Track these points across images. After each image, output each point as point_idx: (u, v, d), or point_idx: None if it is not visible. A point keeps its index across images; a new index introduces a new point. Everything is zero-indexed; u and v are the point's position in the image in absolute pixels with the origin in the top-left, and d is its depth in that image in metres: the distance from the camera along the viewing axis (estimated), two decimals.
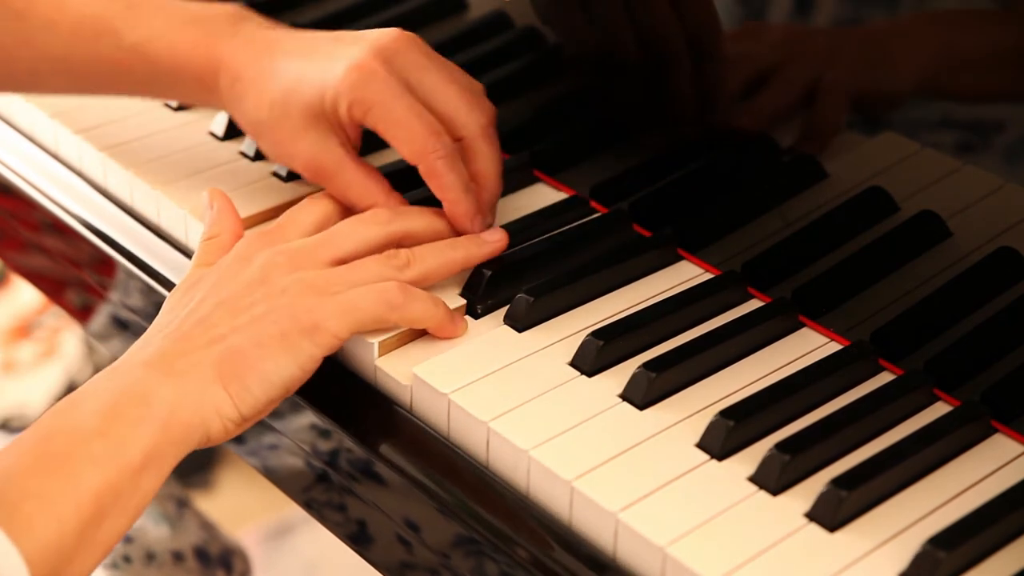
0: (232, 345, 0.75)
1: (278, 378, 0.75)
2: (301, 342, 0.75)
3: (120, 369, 0.75)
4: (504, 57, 1.05)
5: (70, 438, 0.70)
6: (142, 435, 0.71)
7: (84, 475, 0.69)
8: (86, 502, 0.69)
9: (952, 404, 0.78)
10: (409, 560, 0.79)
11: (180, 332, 0.76)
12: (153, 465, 0.72)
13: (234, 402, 0.74)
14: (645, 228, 0.91)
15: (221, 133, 1.00)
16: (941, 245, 0.85)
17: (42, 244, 1.03)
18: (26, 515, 0.67)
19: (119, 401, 0.72)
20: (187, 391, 0.73)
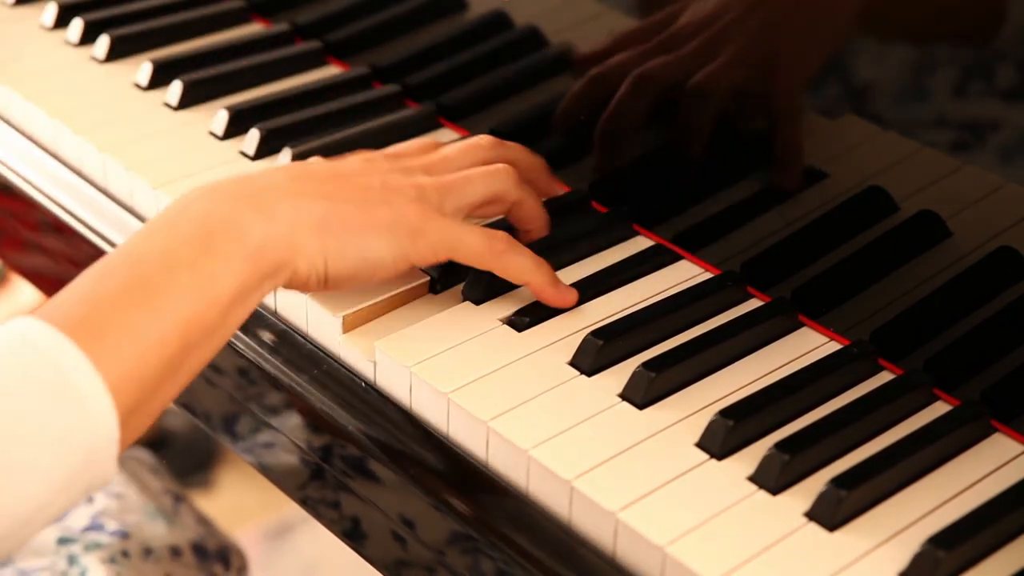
0: (341, 207, 0.76)
1: (372, 255, 0.77)
2: (403, 237, 0.77)
3: (217, 194, 0.74)
4: (504, 57, 1.05)
5: (160, 266, 0.70)
6: (233, 270, 0.71)
7: (172, 307, 0.69)
8: (172, 334, 0.69)
9: (952, 404, 0.78)
10: (404, 557, 0.79)
11: (287, 177, 0.77)
12: (241, 299, 0.72)
13: (326, 258, 0.75)
14: (644, 227, 0.91)
15: (221, 133, 1.00)
16: (941, 245, 0.85)
17: (42, 244, 1.03)
18: (112, 342, 0.67)
19: (213, 231, 0.72)
20: (283, 230, 0.74)
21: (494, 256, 0.80)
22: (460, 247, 0.79)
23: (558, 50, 1.03)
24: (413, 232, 0.77)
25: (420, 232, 0.78)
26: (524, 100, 1.02)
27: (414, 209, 0.78)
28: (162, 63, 1.06)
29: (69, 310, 0.68)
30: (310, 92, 1.04)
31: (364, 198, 0.77)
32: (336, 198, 0.76)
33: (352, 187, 0.78)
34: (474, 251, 0.79)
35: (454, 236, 0.79)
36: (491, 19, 1.08)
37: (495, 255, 0.80)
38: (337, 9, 1.14)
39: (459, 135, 1.01)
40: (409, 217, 0.77)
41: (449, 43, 1.08)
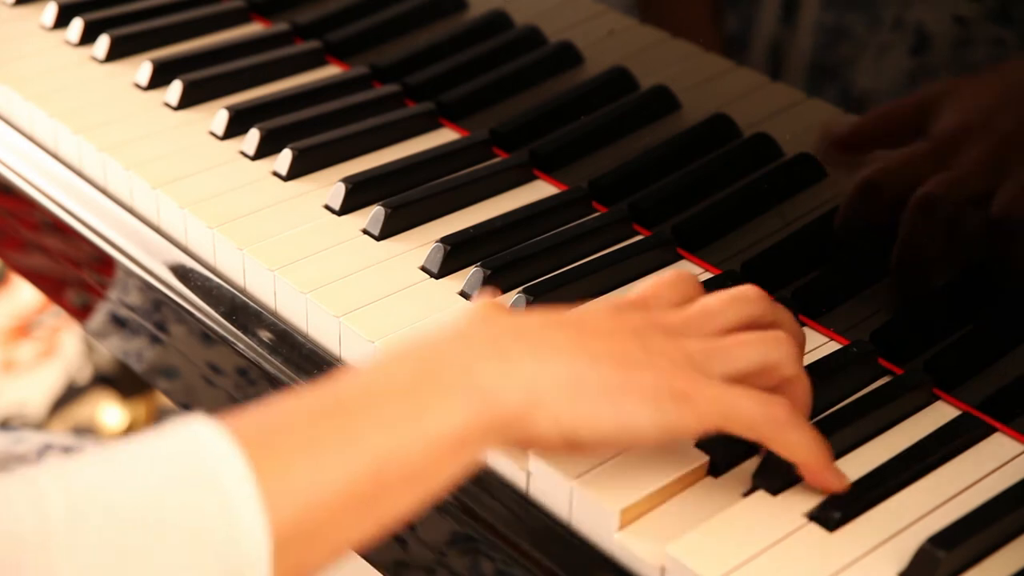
0: (604, 368, 0.67)
1: (631, 422, 0.67)
2: (668, 405, 0.67)
3: (456, 334, 0.67)
4: (504, 57, 1.05)
5: (370, 390, 0.63)
6: (453, 408, 0.63)
7: (370, 435, 0.61)
8: (363, 465, 0.60)
9: (952, 403, 0.78)
10: (404, 558, 0.79)
11: (539, 327, 0.68)
12: (458, 445, 0.63)
13: (573, 419, 0.66)
14: (645, 228, 0.91)
15: (221, 133, 1.00)
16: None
17: (42, 243, 1.03)
18: (286, 456, 0.59)
19: (441, 366, 0.64)
20: (523, 380, 0.65)
21: (772, 427, 0.68)
22: (733, 415, 0.68)
23: (557, 49, 1.03)
24: (679, 398, 0.67)
25: (687, 399, 0.67)
26: (524, 100, 1.02)
27: (680, 375, 0.68)
28: (162, 63, 1.06)
29: (256, 419, 0.62)
30: (310, 92, 1.04)
31: (624, 359, 0.67)
32: (593, 355, 0.67)
33: (610, 345, 0.68)
34: (749, 420, 0.68)
35: (727, 403, 0.68)
36: (491, 19, 1.08)
37: (773, 426, 0.68)
38: (337, 9, 1.14)
39: (459, 135, 1.01)
40: (675, 382, 0.67)
41: (449, 43, 1.08)
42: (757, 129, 0.92)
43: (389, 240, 0.90)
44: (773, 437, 0.69)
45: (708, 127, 0.94)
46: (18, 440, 1.10)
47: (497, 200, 0.94)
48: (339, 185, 0.92)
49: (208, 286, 0.90)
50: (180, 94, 1.03)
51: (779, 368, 0.71)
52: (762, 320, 0.73)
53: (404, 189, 0.93)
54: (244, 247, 0.88)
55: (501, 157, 0.99)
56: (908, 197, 0.81)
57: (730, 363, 0.70)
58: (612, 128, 0.98)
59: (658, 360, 0.68)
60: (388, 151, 0.99)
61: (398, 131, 1.01)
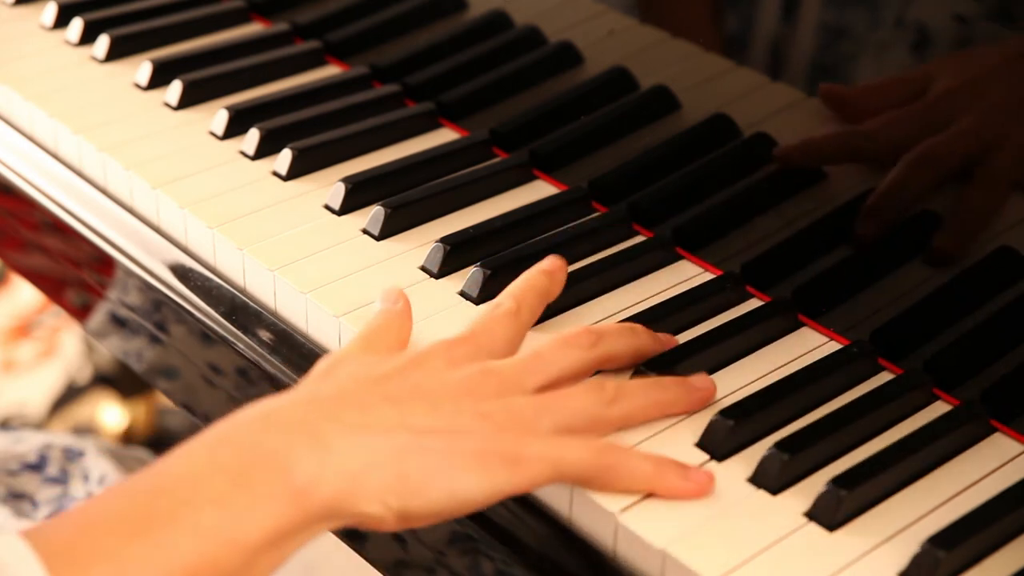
0: (426, 441, 0.66)
1: (463, 493, 0.66)
2: (498, 469, 0.67)
3: (271, 420, 0.66)
4: (504, 57, 1.05)
5: (178, 495, 0.61)
6: (269, 511, 0.62)
7: (182, 547, 0.59)
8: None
9: (951, 403, 0.78)
10: (404, 558, 0.79)
11: (358, 401, 0.67)
12: (274, 545, 0.62)
13: (402, 498, 0.65)
14: (645, 228, 0.91)
15: (221, 132, 1.00)
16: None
17: (42, 243, 1.03)
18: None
19: (255, 464, 0.63)
20: (346, 466, 0.64)
21: (604, 473, 0.69)
22: (563, 468, 0.68)
23: (557, 49, 1.03)
24: (507, 462, 0.67)
25: (515, 460, 0.67)
26: (524, 100, 1.02)
27: (507, 436, 0.68)
28: (162, 63, 1.06)
29: (60, 531, 0.60)
30: (310, 92, 1.04)
31: (449, 426, 0.67)
32: (416, 429, 0.67)
33: (434, 411, 0.68)
34: (580, 471, 0.69)
35: (555, 457, 0.68)
36: (491, 19, 1.08)
37: (605, 471, 0.69)
38: (337, 9, 1.14)
39: (459, 135, 1.01)
40: (502, 446, 0.67)
41: (449, 43, 1.08)
42: (757, 129, 0.92)
43: (389, 240, 0.90)
44: (608, 482, 0.69)
45: (708, 127, 0.94)
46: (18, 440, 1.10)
47: (497, 200, 0.94)
48: (339, 185, 0.92)
49: (208, 286, 0.90)
50: (180, 94, 1.03)
51: (608, 416, 0.72)
52: (593, 364, 0.74)
53: (404, 189, 0.93)
54: (244, 247, 0.88)
55: (501, 157, 0.99)
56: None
57: (559, 415, 0.70)
58: (612, 128, 0.98)
59: (483, 424, 0.68)
60: (388, 151, 0.99)
61: (398, 131, 1.01)
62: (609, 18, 1.00)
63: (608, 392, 0.72)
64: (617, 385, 0.73)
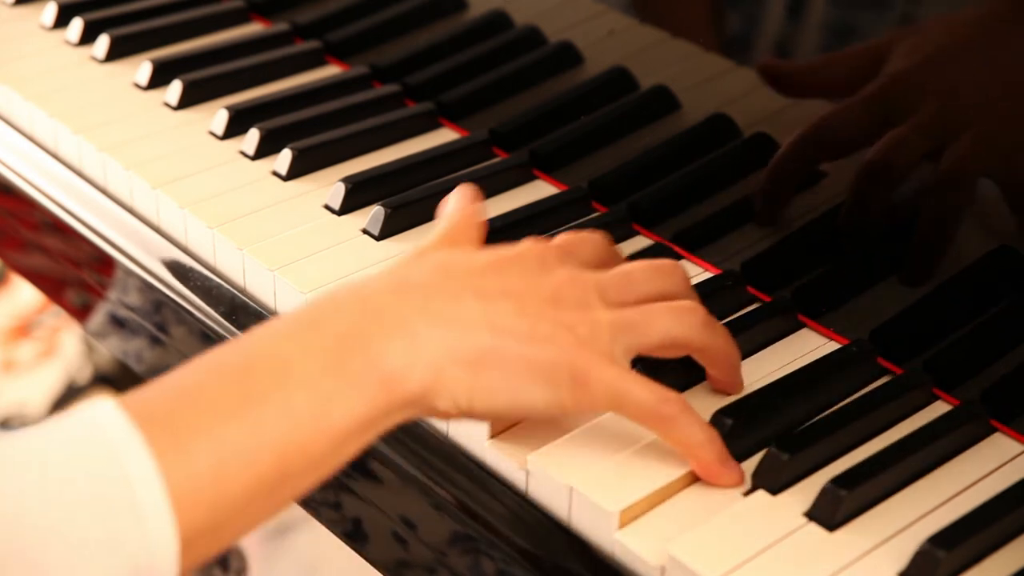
0: (506, 344, 0.67)
1: (526, 402, 0.68)
2: (563, 385, 0.68)
3: (366, 304, 0.66)
4: (504, 57, 1.05)
5: (273, 375, 0.61)
6: (359, 398, 0.63)
7: (274, 426, 0.60)
8: (267, 459, 0.60)
9: (951, 403, 0.78)
10: (405, 558, 0.79)
11: (447, 293, 0.68)
12: (362, 430, 0.63)
13: (471, 394, 0.67)
14: (645, 228, 0.91)
15: (221, 133, 1.00)
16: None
17: (42, 243, 1.03)
18: (192, 452, 0.59)
19: (347, 349, 0.63)
20: (428, 362, 0.65)
21: (662, 420, 0.70)
22: (626, 403, 0.69)
23: (557, 49, 1.03)
24: (575, 381, 0.68)
25: (583, 382, 0.68)
26: (524, 100, 1.02)
27: (582, 353, 0.68)
28: (162, 63, 1.06)
29: (157, 402, 0.60)
30: (310, 92, 1.04)
31: (528, 332, 0.68)
32: (499, 329, 0.67)
33: (519, 314, 0.68)
34: (641, 410, 0.69)
35: (621, 390, 0.69)
36: (491, 19, 1.08)
37: (663, 419, 0.70)
38: (337, 9, 1.14)
39: (459, 135, 1.01)
40: (574, 363, 0.68)
41: (449, 43, 1.08)
42: (757, 129, 0.92)
43: (389, 240, 0.90)
44: (663, 429, 0.70)
45: (708, 127, 0.94)
46: None
47: (497, 200, 0.94)
48: (339, 185, 0.92)
49: (208, 286, 0.90)
50: (180, 94, 1.03)
51: (688, 342, 0.73)
52: (675, 294, 0.74)
53: (404, 189, 0.93)
54: (244, 247, 0.88)
55: (501, 157, 0.99)
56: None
57: (638, 338, 0.71)
58: (612, 128, 0.98)
59: (562, 335, 0.69)
60: (388, 151, 0.99)
61: (398, 131, 1.01)
62: (609, 18, 1.00)
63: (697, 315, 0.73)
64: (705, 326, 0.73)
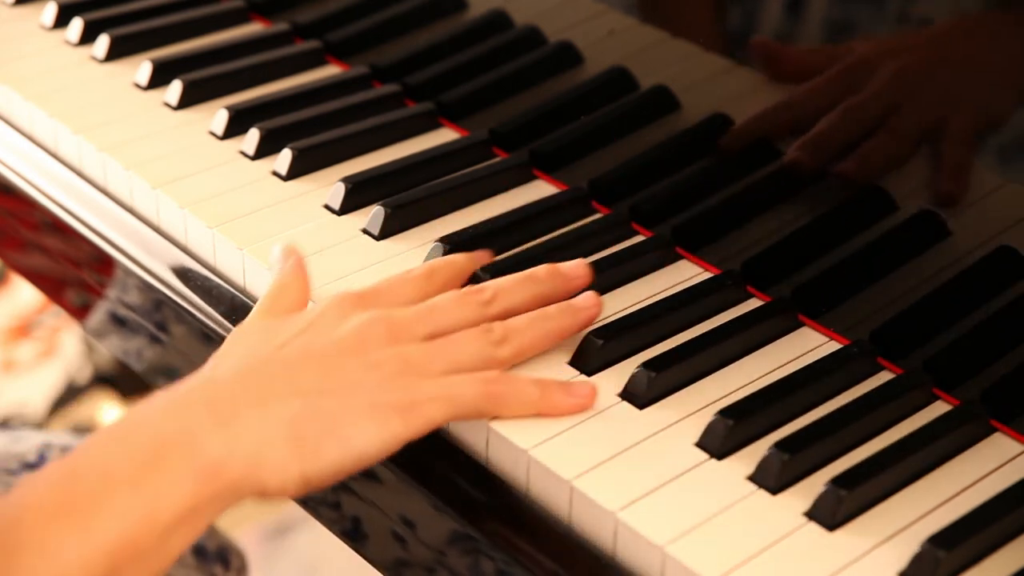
0: (317, 402, 0.68)
1: (358, 447, 0.69)
2: (392, 417, 0.69)
3: (177, 403, 0.68)
4: (504, 57, 1.05)
5: (95, 483, 0.64)
6: (181, 490, 0.65)
7: (101, 529, 0.63)
8: (98, 561, 0.63)
9: (951, 403, 0.78)
10: (405, 557, 0.79)
11: (254, 373, 0.70)
12: (186, 523, 0.65)
13: (301, 463, 0.67)
14: (645, 228, 0.91)
15: (221, 132, 1.00)
16: (941, 244, 0.85)
17: (42, 243, 1.03)
18: (25, 567, 0.61)
19: (165, 446, 0.65)
20: (247, 442, 0.67)
21: (496, 400, 0.72)
22: (458, 405, 0.71)
23: (557, 49, 1.03)
24: (402, 410, 0.70)
25: (411, 408, 0.70)
26: (524, 100, 1.02)
27: (397, 383, 0.70)
28: (162, 63, 1.06)
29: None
30: (310, 92, 1.04)
31: (340, 384, 0.69)
32: (308, 393, 0.69)
33: (325, 373, 0.70)
34: (472, 403, 0.72)
35: (448, 396, 0.71)
36: (491, 19, 1.08)
37: (496, 398, 0.72)
38: (337, 9, 1.14)
39: (459, 135, 1.01)
40: (395, 396, 0.70)
41: (449, 43, 1.08)
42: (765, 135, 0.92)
43: (389, 240, 0.90)
44: (500, 410, 0.73)
45: (708, 127, 0.94)
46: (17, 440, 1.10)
47: (497, 200, 0.94)
48: (339, 185, 0.92)
49: (208, 286, 0.90)
50: (180, 94, 1.03)
51: (499, 355, 0.75)
52: (489, 320, 0.76)
53: (404, 189, 0.93)
54: (244, 247, 0.88)
55: (501, 157, 0.99)
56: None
57: (450, 362, 0.73)
58: (612, 128, 0.98)
59: (373, 375, 0.70)
60: (388, 151, 0.99)
61: (398, 131, 1.01)
62: (609, 18, 1.00)
63: (496, 333, 0.75)
64: (503, 325, 0.76)
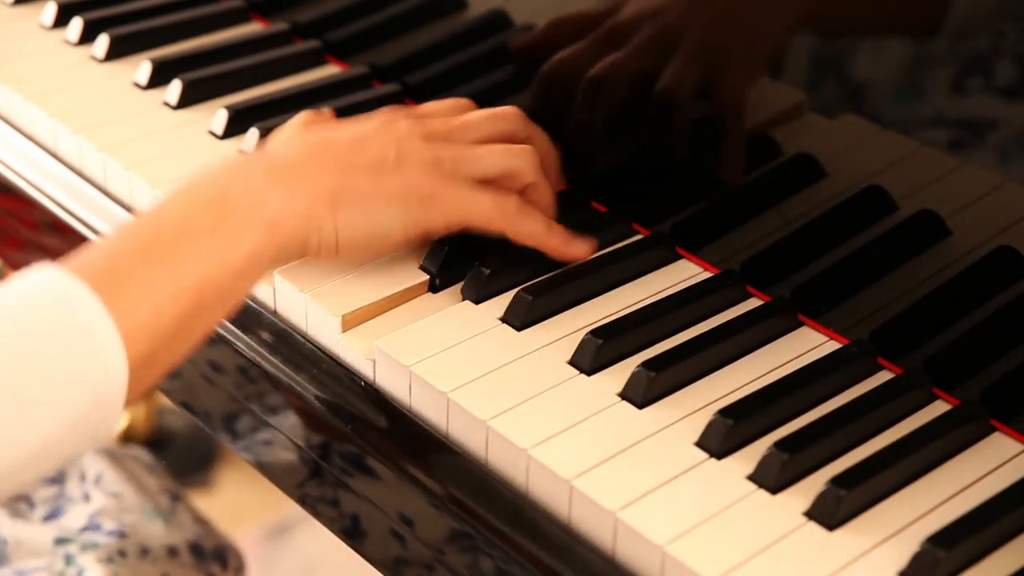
0: (354, 179, 0.79)
1: (383, 226, 0.79)
2: (415, 206, 0.80)
3: (241, 165, 0.78)
4: (504, 57, 1.05)
5: (180, 229, 0.74)
6: (249, 238, 0.75)
7: (189, 269, 0.73)
8: (187, 294, 0.72)
9: (951, 403, 0.78)
10: (403, 555, 0.79)
11: (307, 148, 0.80)
12: (254, 266, 0.75)
13: (336, 229, 0.78)
14: (644, 227, 0.91)
15: (221, 132, 1.00)
16: (940, 244, 0.85)
17: (41, 243, 1.03)
18: (130, 296, 0.70)
19: (233, 200, 0.75)
20: (299, 202, 0.77)
21: (505, 219, 0.82)
22: (471, 213, 0.81)
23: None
24: (424, 200, 0.80)
25: (431, 200, 0.80)
26: (524, 99, 1.02)
27: (426, 178, 0.80)
28: (161, 62, 1.06)
29: (91, 263, 0.72)
30: (309, 91, 1.04)
31: (378, 167, 0.79)
32: (350, 170, 0.79)
33: (366, 156, 0.80)
34: (485, 215, 0.81)
35: (465, 202, 0.81)
36: (491, 19, 1.08)
37: (507, 218, 0.82)
38: (336, 9, 1.14)
39: None
40: (421, 185, 0.80)
41: (449, 43, 1.08)
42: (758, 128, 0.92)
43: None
44: (509, 227, 0.82)
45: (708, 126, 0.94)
46: None
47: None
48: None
49: None
50: (180, 93, 1.03)
51: (520, 175, 0.84)
52: (516, 136, 0.86)
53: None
54: None
55: None
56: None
57: (476, 167, 0.82)
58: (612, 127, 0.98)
59: (408, 166, 0.80)
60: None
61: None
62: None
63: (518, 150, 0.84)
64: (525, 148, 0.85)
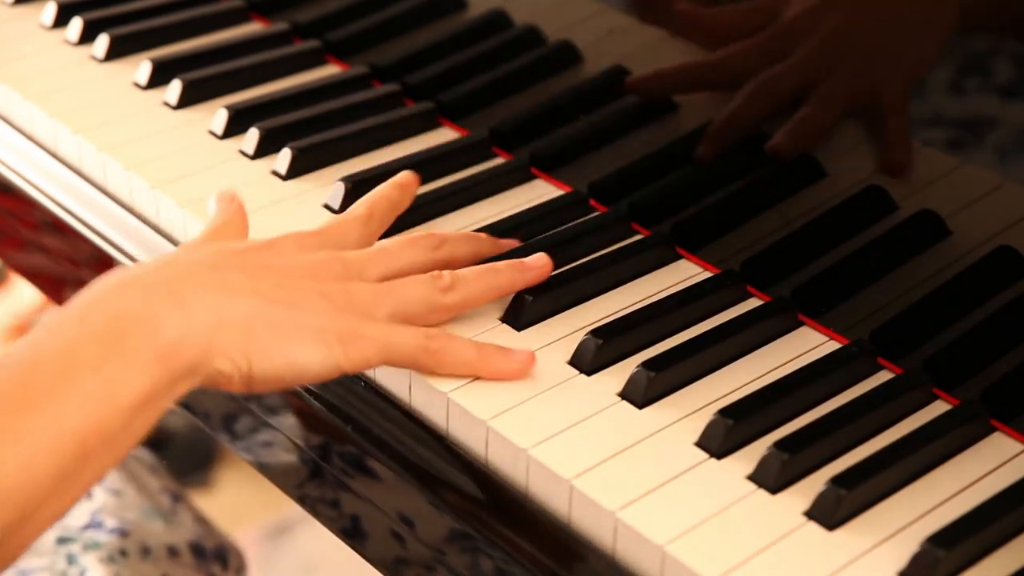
0: (272, 309, 0.71)
1: (300, 363, 0.72)
2: (335, 346, 0.72)
3: (134, 285, 0.69)
4: (504, 57, 1.05)
5: (59, 367, 0.65)
6: (143, 373, 0.66)
7: (70, 414, 0.64)
8: (68, 445, 0.63)
9: (951, 403, 0.78)
10: (403, 555, 0.79)
11: (213, 266, 0.72)
12: (149, 403, 0.67)
13: (247, 355, 0.70)
14: (644, 227, 0.91)
15: (221, 132, 1.00)
16: (940, 244, 0.85)
17: (41, 243, 1.03)
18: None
19: (124, 328, 0.66)
20: (204, 325, 0.68)
21: (432, 355, 0.75)
22: (395, 351, 0.74)
23: (557, 49, 1.03)
24: (344, 340, 0.73)
25: (351, 340, 0.73)
26: (524, 99, 1.03)
27: (344, 316, 0.74)
28: (161, 62, 1.06)
29: None
30: (309, 91, 1.04)
31: (293, 300, 0.72)
32: (264, 297, 0.72)
33: (281, 285, 0.73)
34: (408, 354, 0.75)
35: (388, 340, 0.74)
36: (491, 19, 1.08)
37: (433, 354, 0.75)
38: (336, 8, 1.14)
39: (458, 134, 1.01)
40: (339, 325, 0.73)
41: (449, 43, 1.08)
42: (757, 128, 0.92)
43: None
44: (436, 366, 0.76)
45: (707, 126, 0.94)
46: None
47: (497, 200, 0.94)
48: (338, 184, 0.92)
49: None
50: (179, 93, 1.03)
51: (444, 302, 0.78)
52: (435, 265, 0.80)
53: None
54: None
55: (501, 157, 0.99)
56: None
57: (397, 303, 0.76)
58: (612, 128, 0.98)
59: (325, 303, 0.74)
60: (387, 150, 0.99)
61: (398, 130, 1.01)
62: (609, 17, 1.00)
63: (444, 280, 0.78)
64: (452, 274, 0.79)
